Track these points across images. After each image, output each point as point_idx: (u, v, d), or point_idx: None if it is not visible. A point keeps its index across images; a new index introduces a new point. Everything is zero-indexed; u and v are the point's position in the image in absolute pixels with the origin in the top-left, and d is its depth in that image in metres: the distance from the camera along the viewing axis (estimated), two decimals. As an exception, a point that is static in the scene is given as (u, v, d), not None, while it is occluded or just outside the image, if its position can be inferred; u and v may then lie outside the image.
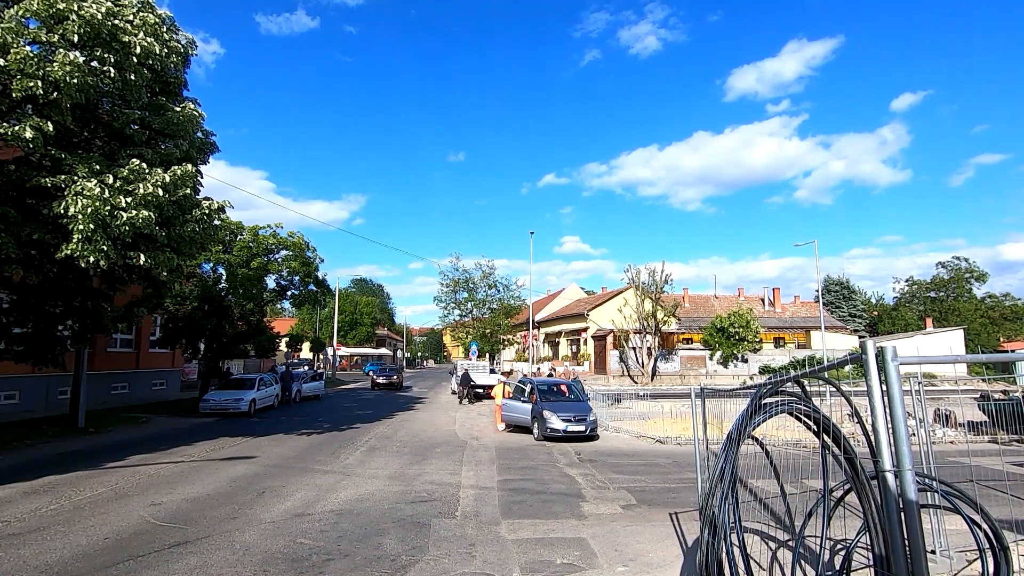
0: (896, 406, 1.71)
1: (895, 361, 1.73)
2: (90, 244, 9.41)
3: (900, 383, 1.72)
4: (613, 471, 11.37)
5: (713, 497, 3.79)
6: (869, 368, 1.88)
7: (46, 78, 9.03)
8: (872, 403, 1.83)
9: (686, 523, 7.78)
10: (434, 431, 17.30)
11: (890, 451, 1.72)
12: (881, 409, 1.79)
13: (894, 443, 1.69)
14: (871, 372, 1.87)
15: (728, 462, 3.50)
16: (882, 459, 1.72)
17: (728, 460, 3.52)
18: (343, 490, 9.32)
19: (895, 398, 1.71)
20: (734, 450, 3.57)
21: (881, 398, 1.81)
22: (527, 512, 8.25)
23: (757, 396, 3.87)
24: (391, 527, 7.33)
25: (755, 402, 3.82)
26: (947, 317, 56.09)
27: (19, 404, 18.83)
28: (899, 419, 1.68)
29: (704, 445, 5.36)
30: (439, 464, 11.93)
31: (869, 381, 1.86)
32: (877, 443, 1.76)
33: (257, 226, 24.67)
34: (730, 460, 3.52)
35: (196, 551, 6.30)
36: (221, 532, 6.97)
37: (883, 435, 1.73)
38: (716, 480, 3.63)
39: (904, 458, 1.64)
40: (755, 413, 3.82)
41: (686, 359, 44.89)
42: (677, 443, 15.02)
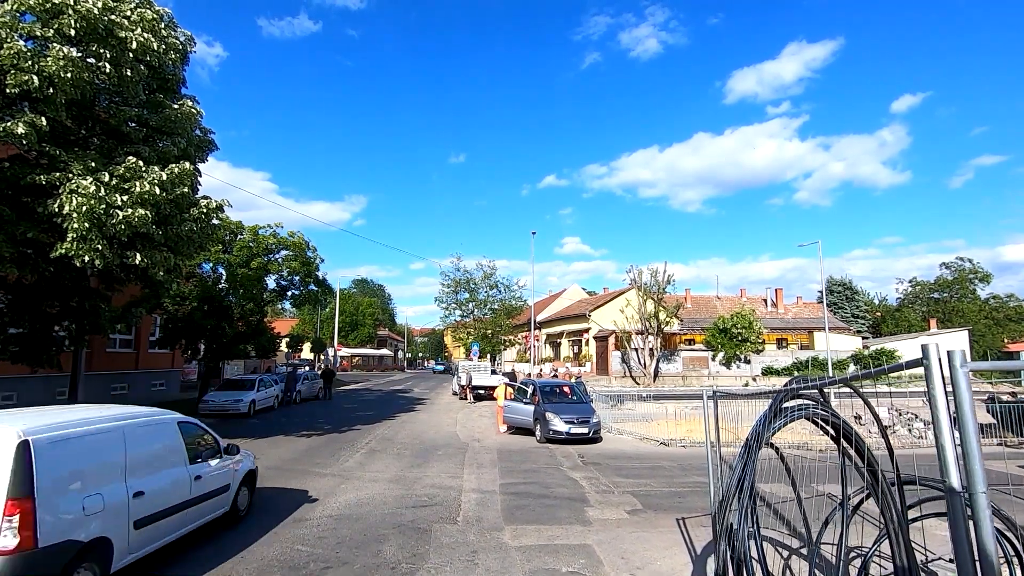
0: (967, 418, 1.51)
1: (964, 367, 1.54)
2: (85, 243, 9.23)
3: (970, 391, 1.53)
4: (617, 474, 11.17)
5: (730, 506, 3.60)
6: (932, 375, 1.68)
7: (41, 73, 8.86)
8: (936, 414, 1.64)
9: (694, 529, 7.59)
10: (435, 433, 17.10)
11: (958, 469, 1.53)
12: (947, 421, 1.60)
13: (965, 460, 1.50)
14: (935, 379, 1.67)
15: (747, 470, 3.31)
16: (950, 478, 1.53)
17: (747, 468, 3.33)
18: (342, 494, 9.12)
19: (965, 409, 1.52)
20: (753, 458, 3.38)
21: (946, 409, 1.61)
22: (530, 517, 8.05)
23: (777, 400, 3.68)
24: (391, 533, 7.14)
25: (775, 406, 3.63)
26: (951, 318, 55.79)
27: (16, 405, 18.66)
28: (970, 433, 1.49)
29: (717, 449, 5.16)
30: (440, 467, 11.73)
31: (933, 390, 1.67)
32: (943, 460, 1.57)
33: (257, 226, 24.52)
34: (749, 468, 3.33)
35: (189, 561, 6.11)
36: (218, 536, 6.77)
37: (949, 451, 1.54)
38: (734, 489, 3.44)
39: (976, 477, 1.45)
40: (774, 418, 3.63)
41: (688, 360, 44.65)
42: (682, 445, 14.81)
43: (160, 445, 6.08)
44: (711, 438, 5.16)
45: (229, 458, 7.30)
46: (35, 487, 4.34)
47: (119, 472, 5.32)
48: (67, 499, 4.67)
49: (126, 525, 5.24)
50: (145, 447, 5.81)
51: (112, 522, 5.05)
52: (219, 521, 7.08)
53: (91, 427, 5.20)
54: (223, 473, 7.08)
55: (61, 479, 4.66)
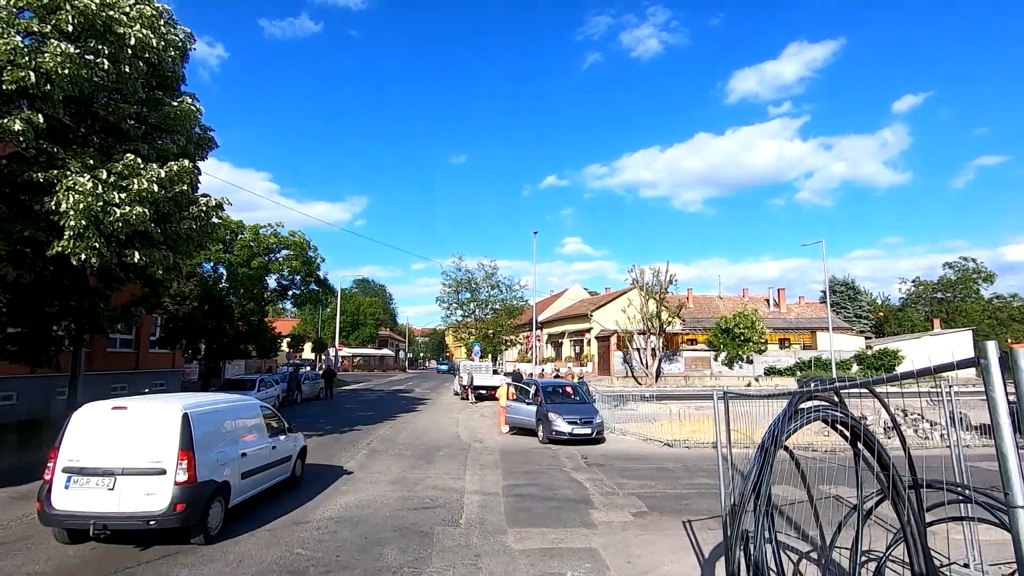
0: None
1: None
2: (82, 241, 9.11)
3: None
4: (621, 476, 11.03)
5: (743, 510, 3.46)
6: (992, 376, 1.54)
7: (38, 69, 8.73)
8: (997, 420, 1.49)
9: (701, 532, 7.45)
10: (436, 433, 16.97)
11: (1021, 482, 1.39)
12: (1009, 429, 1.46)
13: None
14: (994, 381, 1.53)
15: (765, 475, 3.17)
16: (1013, 493, 1.39)
17: (764, 472, 3.19)
18: (343, 496, 8.99)
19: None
20: (770, 461, 3.24)
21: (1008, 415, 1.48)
22: (534, 520, 7.92)
23: (794, 402, 3.54)
24: (393, 536, 7.01)
25: (791, 408, 3.49)
26: (954, 318, 55.55)
27: (16, 405, 18.55)
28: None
29: (728, 452, 5.02)
30: (442, 468, 11.60)
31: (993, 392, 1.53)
32: (1005, 472, 1.42)
33: (258, 225, 24.44)
34: (766, 472, 3.19)
35: (187, 562, 5.99)
36: (214, 540, 6.65)
37: (1012, 462, 1.39)
38: (749, 493, 3.30)
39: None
40: (790, 420, 3.49)
41: (690, 360, 44.50)
42: (686, 446, 14.66)
43: (251, 421, 8.26)
44: (721, 440, 5.01)
45: (291, 436, 9.42)
46: (193, 442, 6.49)
47: (232, 438, 7.54)
48: (208, 453, 6.77)
49: (237, 475, 7.41)
50: (243, 421, 8.02)
51: (230, 471, 7.22)
52: (281, 484, 8.98)
53: (215, 405, 7.53)
54: (287, 446, 9.19)
55: (204, 439, 6.75)
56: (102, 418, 6.67)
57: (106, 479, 6.22)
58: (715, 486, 10.30)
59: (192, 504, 6.29)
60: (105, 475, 6.23)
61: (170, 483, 6.24)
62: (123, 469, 6.26)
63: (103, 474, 6.24)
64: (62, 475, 6.29)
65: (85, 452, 6.38)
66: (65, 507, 6.14)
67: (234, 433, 7.62)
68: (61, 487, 6.24)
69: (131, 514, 6.11)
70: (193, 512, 6.32)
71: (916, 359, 41.92)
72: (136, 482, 6.23)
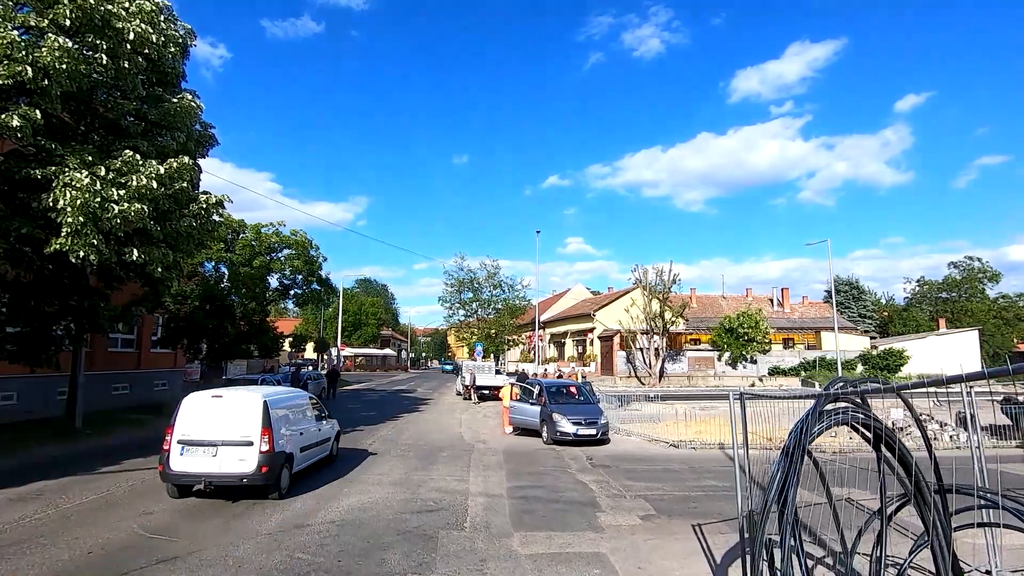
0: None
1: None
2: (80, 238, 8.96)
3: None
4: (627, 477, 10.85)
5: (766, 517, 3.29)
6: None
7: (35, 64, 8.59)
8: None
9: (712, 536, 7.25)
10: (439, 434, 16.81)
11: None
12: None
13: None
14: None
15: (790, 480, 2.99)
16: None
17: (790, 478, 3.01)
18: (345, 498, 8.83)
19: None
20: (795, 466, 3.06)
21: None
22: (540, 523, 7.74)
23: (819, 404, 3.37)
24: (396, 540, 6.84)
25: (817, 410, 3.31)
26: (960, 318, 55.16)
27: (17, 405, 18.41)
28: None
29: (745, 454, 4.84)
30: (445, 469, 11.43)
31: None
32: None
33: (260, 224, 24.32)
34: (792, 478, 3.02)
35: (185, 567, 5.83)
36: (213, 545, 6.50)
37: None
38: (773, 499, 3.13)
39: None
40: (815, 423, 3.31)
41: (694, 360, 44.27)
42: (692, 447, 14.46)
43: (305, 409, 10.36)
44: (738, 441, 4.83)
45: (329, 422, 11.59)
46: (271, 422, 8.49)
47: (293, 421, 9.55)
48: (280, 431, 8.74)
49: (298, 448, 9.41)
50: (300, 408, 10.14)
51: (293, 445, 9.24)
52: (322, 461, 10.95)
53: (283, 395, 9.92)
54: (327, 430, 11.29)
55: (277, 420, 8.78)
56: (204, 404, 8.76)
57: (210, 448, 8.30)
58: (724, 488, 10.14)
59: (271, 467, 8.35)
60: (210, 445, 8.31)
61: (256, 452, 8.24)
62: (222, 441, 8.31)
63: (208, 444, 8.31)
64: (177, 445, 8.33)
65: (193, 428, 8.45)
66: (180, 468, 8.23)
67: (294, 417, 9.70)
68: (177, 454, 8.30)
69: (229, 474, 8.18)
70: (272, 473, 8.38)
71: (922, 359, 41.66)
72: (232, 451, 8.25)
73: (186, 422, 8.53)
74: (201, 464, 8.21)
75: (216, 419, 8.52)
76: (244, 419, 8.45)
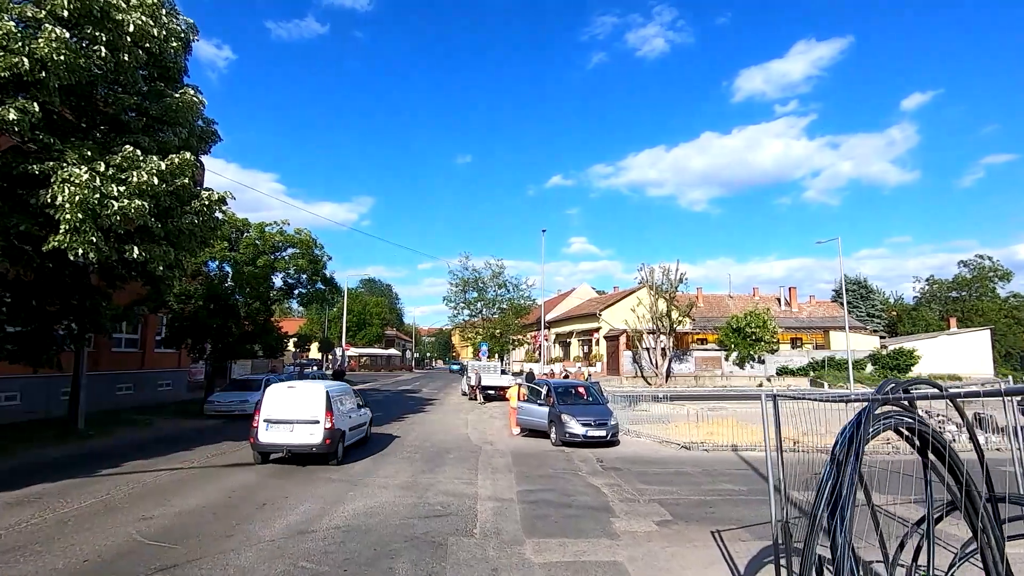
0: None
1: None
2: (78, 235, 8.73)
3: None
4: (640, 481, 10.54)
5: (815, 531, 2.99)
6: None
7: (32, 55, 8.36)
8: None
9: (732, 544, 6.95)
10: (445, 435, 16.54)
11: None
12: None
13: None
14: None
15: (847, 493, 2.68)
16: None
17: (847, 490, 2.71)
18: (350, 502, 8.57)
19: None
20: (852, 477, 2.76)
21: None
22: (553, 529, 7.45)
23: (873, 407, 3.06)
24: (403, 547, 6.57)
25: (868, 414, 3.02)
26: (970, 317, 54.48)
27: (20, 405, 18.26)
28: None
29: (779, 458, 4.53)
30: (453, 472, 11.16)
31: None
32: None
33: (264, 223, 24.09)
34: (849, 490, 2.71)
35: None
36: (214, 553, 6.24)
37: None
38: (822, 512, 2.83)
39: None
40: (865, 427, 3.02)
41: (701, 360, 43.85)
42: (704, 449, 14.14)
43: (349, 398, 12.99)
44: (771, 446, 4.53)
45: (365, 410, 14.24)
46: (331, 407, 11.10)
47: (343, 405, 12.14)
48: (336, 412, 11.33)
49: (348, 428, 12.07)
50: (347, 397, 12.75)
51: (345, 425, 11.85)
52: (359, 442, 13.44)
53: (336, 386, 12.57)
54: (365, 415, 14.06)
55: (335, 404, 11.37)
56: (283, 392, 11.48)
57: (288, 425, 11.03)
58: (740, 492, 9.82)
59: (332, 440, 11.09)
60: (287, 423, 11.03)
61: (321, 428, 10.97)
62: (297, 420, 11.03)
63: (286, 423, 11.03)
64: (263, 423, 11.07)
65: (275, 411, 11.13)
66: (266, 440, 11.07)
67: (345, 403, 12.35)
68: (263, 430, 11.06)
69: (303, 444, 10.97)
70: (333, 445, 11.15)
71: (933, 359, 41.11)
72: (304, 427, 10.99)
73: (269, 406, 11.16)
74: (282, 437, 10.99)
75: (291, 404, 11.19)
76: (312, 404, 11.16)
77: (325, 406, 11.08)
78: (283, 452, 11.24)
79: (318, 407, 11.06)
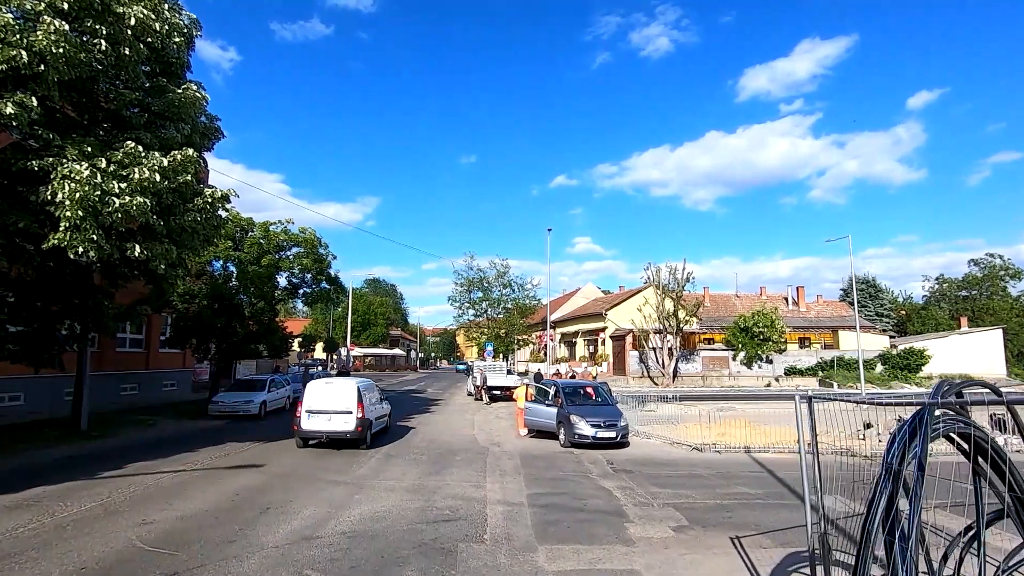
0: None
1: None
2: (78, 233, 8.53)
3: None
4: (653, 484, 10.27)
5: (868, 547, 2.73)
6: None
7: (30, 48, 8.17)
8: None
9: (753, 551, 6.66)
10: (452, 436, 16.30)
11: None
12: None
13: None
14: None
15: (914, 511, 2.42)
16: None
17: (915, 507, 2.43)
18: (356, 506, 8.33)
19: None
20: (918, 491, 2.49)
21: None
22: (566, 535, 7.19)
23: (928, 411, 2.79)
24: (412, 554, 6.32)
25: (923, 418, 2.75)
26: (981, 316, 53.80)
27: (24, 405, 18.17)
28: None
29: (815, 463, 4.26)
30: (461, 474, 10.91)
31: None
32: None
33: (268, 222, 23.91)
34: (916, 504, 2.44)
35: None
36: (216, 560, 6.02)
37: None
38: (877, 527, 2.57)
39: None
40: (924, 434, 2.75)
41: (708, 360, 43.44)
42: (716, 451, 13.84)
43: (374, 392, 14.78)
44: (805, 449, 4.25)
45: (386, 403, 16.13)
46: (362, 399, 12.97)
47: (370, 398, 13.83)
48: (367, 404, 13.24)
49: (374, 418, 13.93)
50: (372, 392, 14.54)
51: (372, 415, 13.76)
52: (381, 431, 15.23)
53: (364, 383, 14.33)
54: (386, 408, 15.98)
55: (364, 397, 13.20)
56: (321, 386, 13.42)
57: (326, 415, 12.87)
58: (757, 496, 9.53)
59: (363, 428, 12.96)
60: (325, 413, 12.88)
61: (354, 417, 12.78)
62: (333, 410, 12.87)
63: (325, 413, 12.89)
64: (305, 413, 12.95)
65: (314, 402, 13.02)
66: (308, 428, 12.97)
67: (371, 397, 14.18)
68: (305, 419, 12.92)
69: (338, 431, 12.81)
70: (363, 432, 13.00)
71: (944, 359, 40.55)
72: (339, 417, 12.80)
73: (310, 398, 13.09)
74: (320, 424, 12.86)
75: (328, 397, 13.06)
76: (346, 397, 13.01)
77: (357, 399, 12.90)
78: (322, 438, 13.04)
79: (351, 399, 12.86)
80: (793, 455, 13.64)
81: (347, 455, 12.71)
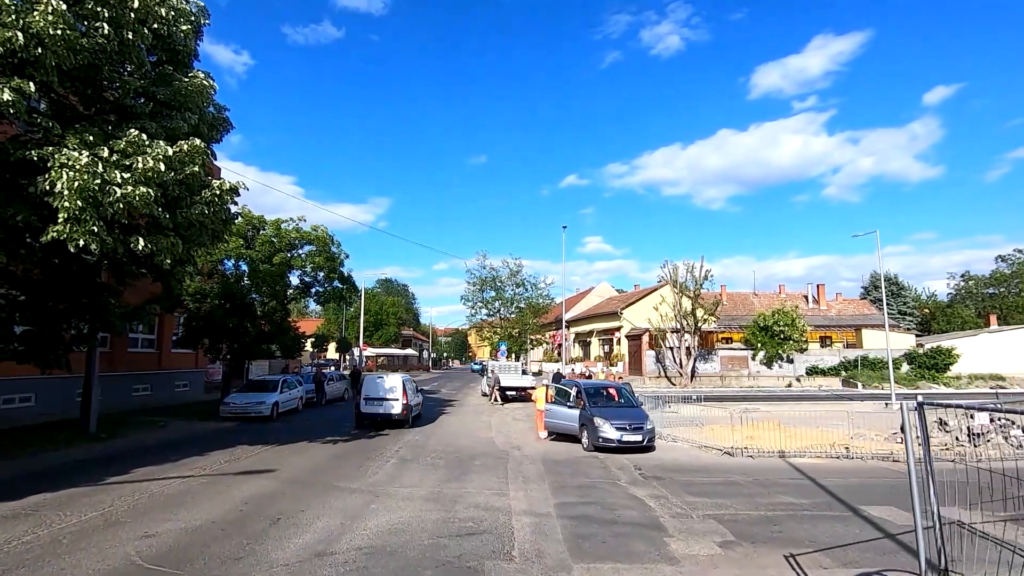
0: None
1: None
2: (78, 225, 8.05)
3: None
4: (687, 492, 9.57)
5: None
6: None
7: (27, 30, 7.72)
8: None
9: (813, 571, 5.98)
10: (468, 439, 15.69)
11: None
12: None
13: None
14: None
15: None
16: None
17: None
18: (372, 517, 7.75)
19: None
20: None
21: None
22: (601, 552, 6.54)
23: None
24: (435, 574, 5.72)
25: None
26: (1010, 314, 52.10)
27: (35, 407, 17.91)
28: None
29: (927, 478, 3.56)
30: (481, 481, 10.30)
31: None
32: None
33: (280, 219, 23.51)
34: None
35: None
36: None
37: None
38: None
39: None
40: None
41: (726, 359, 42.45)
42: (748, 456, 13.09)
43: (412, 384, 18.76)
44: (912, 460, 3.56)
45: (421, 394, 20.50)
46: (406, 390, 17.33)
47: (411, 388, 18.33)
48: (409, 393, 17.63)
49: (413, 404, 18.11)
50: (411, 384, 18.72)
51: (412, 402, 17.93)
52: (416, 416, 18.49)
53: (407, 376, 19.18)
54: (420, 397, 20.06)
55: (407, 388, 17.63)
56: (374, 380, 17.38)
57: (380, 402, 16.84)
58: (805, 507, 8.77)
59: (408, 411, 17.01)
60: (380, 400, 16.85)
61: (401, 403, 16.77)
62: (385, 398, 16.83)
63: (379, 400, 16.86)
64: (363, 400, 16.88)
65: (371, 392, 17.00)
66: (366, 411, 16.81)
67: (411, 388, 17.91)
68: (363, 404, 16.84)
69: (388, 414, 16.75)
70: (407, 415, 17.03)
71: (973, 358, 39.18)
72: (390, 403, 16.76)
73: (367, 388, 17.07)
74: (375, 408, 16.75)
75: (381, 387, 17.06)
76: (394, 387, 17.00)
77: (403, 389, 16.93)
78: (377, 418, 16.79)
79: (398, 389, 16.91)
80: (832, 460, 12.84)
81: (361, 459, 12.16)
